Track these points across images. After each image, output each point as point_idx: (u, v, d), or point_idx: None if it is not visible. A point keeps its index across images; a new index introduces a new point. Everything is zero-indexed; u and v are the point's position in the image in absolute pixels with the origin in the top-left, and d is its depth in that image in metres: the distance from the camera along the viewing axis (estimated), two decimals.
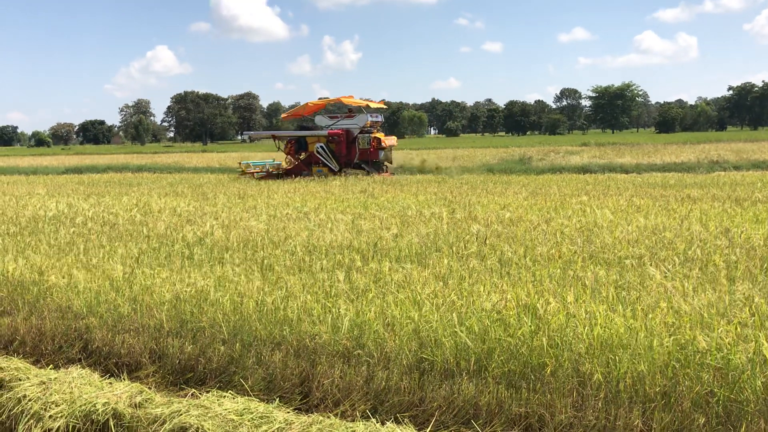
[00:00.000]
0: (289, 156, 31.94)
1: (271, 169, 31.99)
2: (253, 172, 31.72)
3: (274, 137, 34.13)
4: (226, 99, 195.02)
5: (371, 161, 30.62)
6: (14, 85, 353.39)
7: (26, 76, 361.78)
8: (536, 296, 6.44)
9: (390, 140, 31.71)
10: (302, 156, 31.22)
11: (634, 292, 6.71)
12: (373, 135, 30.55)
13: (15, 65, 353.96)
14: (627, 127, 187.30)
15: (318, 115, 32.31)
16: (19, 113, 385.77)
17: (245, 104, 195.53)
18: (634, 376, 5.00)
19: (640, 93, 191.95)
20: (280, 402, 5.36)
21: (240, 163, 34.09)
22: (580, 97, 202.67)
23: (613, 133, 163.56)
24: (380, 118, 32.59)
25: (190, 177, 34.09)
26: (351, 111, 31.70)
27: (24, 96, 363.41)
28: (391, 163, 32.10)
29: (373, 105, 33.23)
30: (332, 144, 30.51)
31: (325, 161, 30.37)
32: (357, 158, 30.55)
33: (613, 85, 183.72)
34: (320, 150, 30.35)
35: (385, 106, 35.03)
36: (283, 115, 38.09)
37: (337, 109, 33.48)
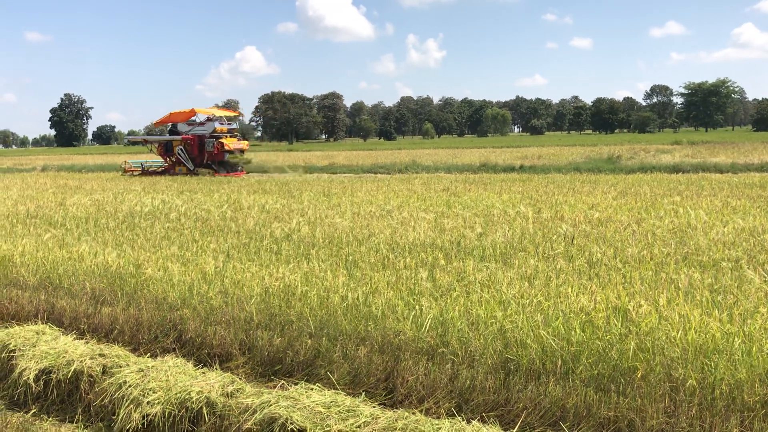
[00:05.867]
0: (162, 157, 38.00)
1: (149, 168, 38.88)
2: (132, 170, 38.69)
3: (145, 141, 40.41)
4: (311, 99, 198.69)
5: (218, 162, 36.50)
6: (114, 87, 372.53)
7: (124, 78, 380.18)
8: (627, 298, 6.28)
9: (238, 144, 37.54)
10: (174, 157, 36.98)
11: (730, 296, 6.44)
12: (219, 140, 36.21)
13: (115, 68, 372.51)
14: (721, 125, 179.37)
15: (180, 123, 37.58)
16: (116, 113, 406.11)
17: (329, 104, 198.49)
18: (731, 384, 4.80)
19: (737, 89, 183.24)
20: (365, 396, 5.43)
21: (125, 162, 41.18)
22: (671, 94, 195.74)
23: (706, 131, 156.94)
24: (234, 125, 38.54)
25: (277, 175, 36.61)
26: (209, 119, 37.13)
27: (122, 97, 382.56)
28: (248, 163, 38.31)
29: (218, 113, 38.83)
30: (188, 147, 36.16)
31: (184, 162, 36.43)
32: (207, 159, 36.28)
33: (707, 81, 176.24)
34: (180, 152, 36.55)
35: (237, 113, 40.95)
36: (154, 122, 42.90)
37: (195, 117, 38.40)
